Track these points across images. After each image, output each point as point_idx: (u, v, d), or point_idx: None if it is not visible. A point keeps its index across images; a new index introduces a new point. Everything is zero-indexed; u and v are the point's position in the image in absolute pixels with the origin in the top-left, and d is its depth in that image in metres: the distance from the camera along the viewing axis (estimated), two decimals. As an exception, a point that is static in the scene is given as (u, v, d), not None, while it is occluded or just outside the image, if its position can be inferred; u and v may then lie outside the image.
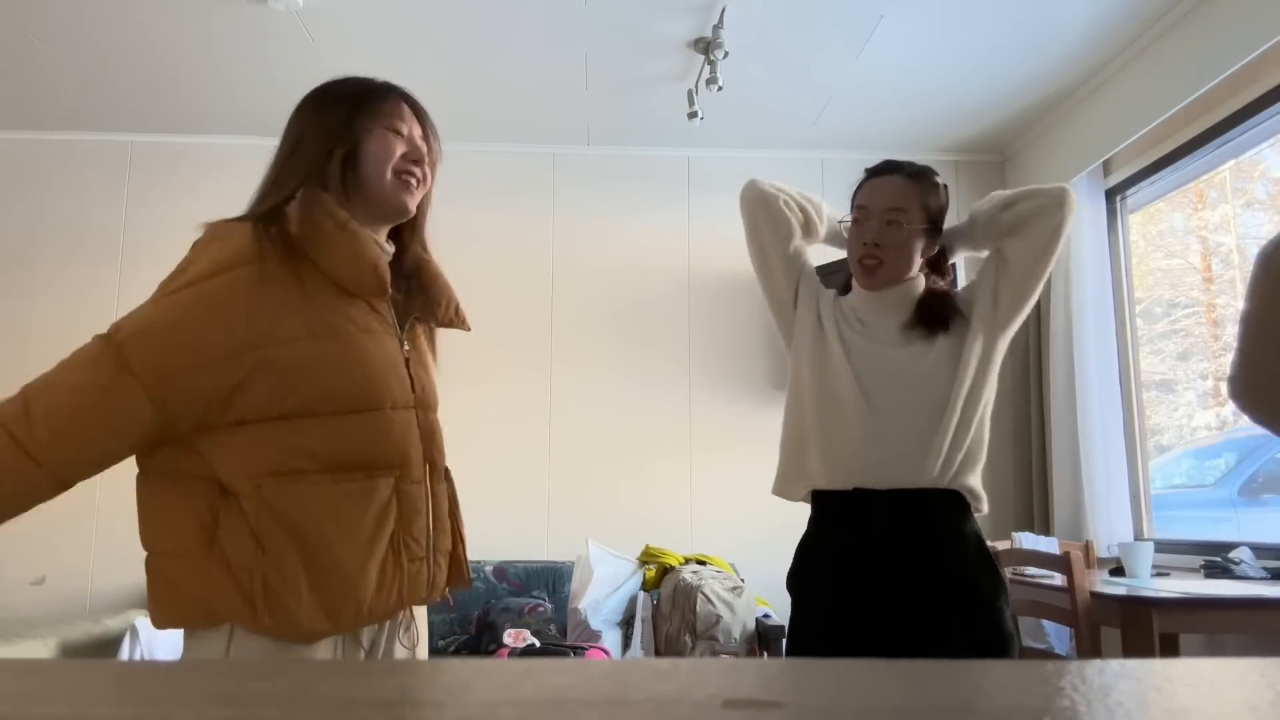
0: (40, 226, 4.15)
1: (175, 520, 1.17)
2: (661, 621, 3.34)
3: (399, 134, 1.31)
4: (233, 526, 1.14)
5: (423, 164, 1.33)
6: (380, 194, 1.29)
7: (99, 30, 3.34)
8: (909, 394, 1.61)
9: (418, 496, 1.25)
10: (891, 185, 1.72)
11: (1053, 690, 0.36)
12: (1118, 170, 3.73)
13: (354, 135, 1.28)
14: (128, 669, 0.40)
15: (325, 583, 1.14)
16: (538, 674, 0.39)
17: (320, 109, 1.31)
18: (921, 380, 1.61)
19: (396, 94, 1.36)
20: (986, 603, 1.55)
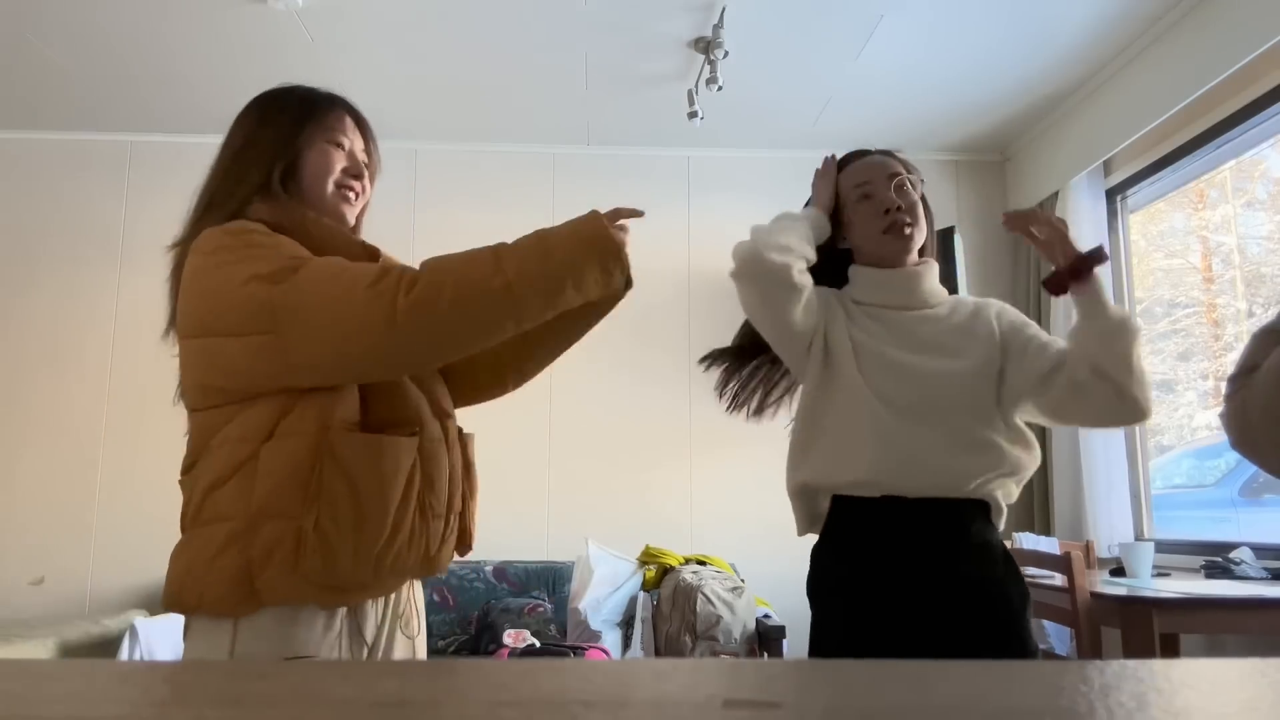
0: (40, 226, 4.15)
1: (217, 492, 1.18)
2: (661, 622, 3.34)
3: (340, 147, 1.34)
4: (275, 477, 1.16)
5: (362, 178, 1.37)
6: (319, 204, 1.32)
7: (99, 30, 3.34)
8: (937, 398, 1.50)
9: (439, 455, 1.30)
10: (877, 159, 1.65)
11: (1053, 690, 0.36)
12: (1118, 170, 3.73)
13: (296, 147, 1.31)
14: (127, 669, 0.40)
15: (371, 532, 1.18)
16: (538, 674, 0.39)
17: (265, 119, 1.33)
18: (951, 384, 1.51)
19: (340, 106, 1.38)
20: (1016, 616, 1.47)
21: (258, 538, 1.14)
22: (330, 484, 1.16)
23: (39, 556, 3.91)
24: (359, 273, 1.15)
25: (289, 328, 1.14)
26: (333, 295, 1.14)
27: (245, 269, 1.16)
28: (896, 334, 1.56)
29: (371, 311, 1.12)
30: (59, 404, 4.01)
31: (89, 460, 3.98)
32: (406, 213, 4.21)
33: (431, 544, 1.28)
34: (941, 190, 4.40)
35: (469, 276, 1.16)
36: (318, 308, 1.13)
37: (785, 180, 4.39)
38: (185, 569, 1.18)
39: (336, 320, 1.13)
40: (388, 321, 1.12)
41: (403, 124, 4.02)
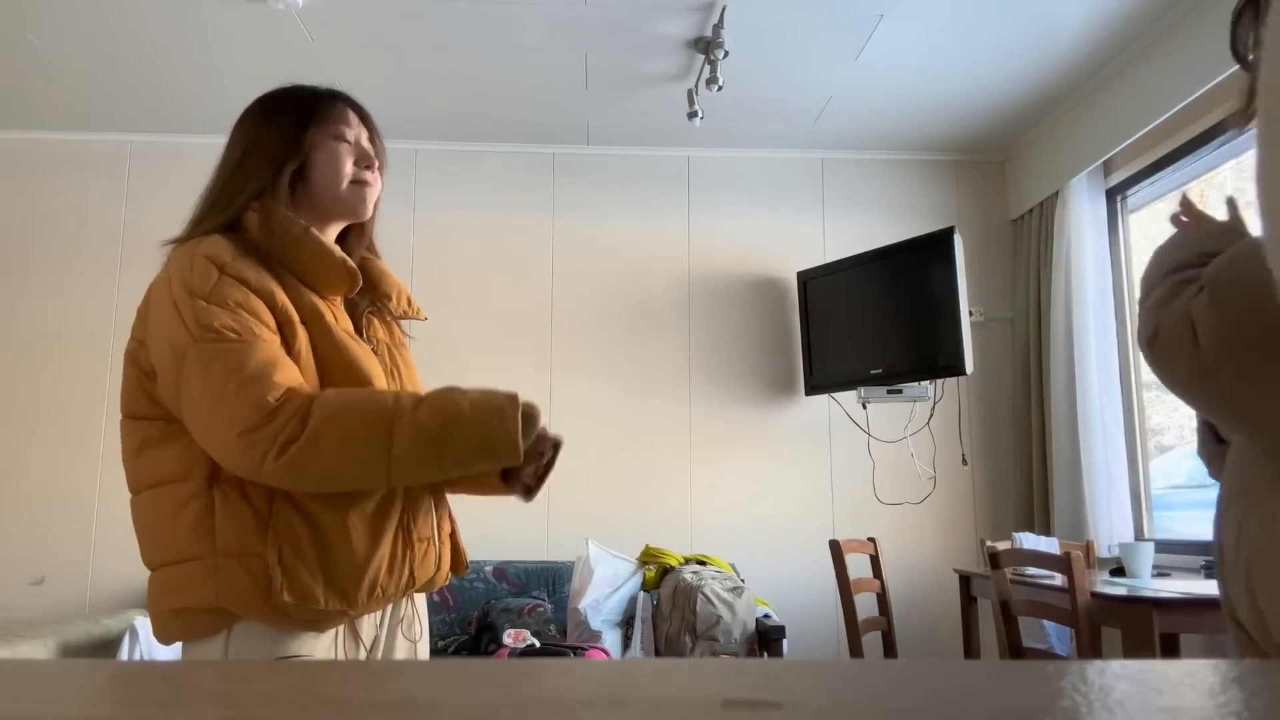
0: (40, 226, 4.15)
1: (173, 527, 1.17)
2: (661, 622, 3.34)
3: (345, 141, 1.34)
4: (234, 516, 1.15)
5: (374, 167, 1.36)
6: (334, 202, 1.32)
7: (99, 30, 3.34)
8: None
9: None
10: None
11: (1053, 690, 0.36)
12: (1118, 170, 3.73)
13: (303, 149, 1.30)
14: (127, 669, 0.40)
15: (338, 563, 1.17)
16: (538, 674, 0.38)
17: (267, 121, 1.33)
18: None
19: (340, 100, 1.38)
20: None
21: (228, 576, 1.14)
22: (287, 520, 1.16)
23: (39, 556, 3.91)
24: (241, 409, 1.12)
25: (183, 405, 1.16)
26: (210, 418, 1.13)
27: (178, 319, 1.16)
28: None
29: (237, 456, 1.12)
30: (59, 404, 4.01)
31: (89, 460, 3.98)
32: (406, 213, 4.21)
33: (418, 569, 1.26)
34: (941, 190, 4.40)
35: (353, 450, 1.14)
36: (200, 413, 1.14)
37: (785, 180, 4.39)
38: (168, 611, 1.18)
39: (209, 441, 1.14)
40: (252, 470, 1.13)
41: (403, 124, 4.02)
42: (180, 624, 1.17)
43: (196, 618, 1.16)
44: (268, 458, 1.10)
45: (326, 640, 1.20)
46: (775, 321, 4.25)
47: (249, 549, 1.14)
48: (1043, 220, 4.03)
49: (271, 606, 1.14)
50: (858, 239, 4.24)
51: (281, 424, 1.11)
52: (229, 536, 1.14)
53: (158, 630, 1.19)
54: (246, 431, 1.10)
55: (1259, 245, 0.78)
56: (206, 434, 1.14)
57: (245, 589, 1.13)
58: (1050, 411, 3.83)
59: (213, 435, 1.13)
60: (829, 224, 4.35)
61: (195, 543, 1.15)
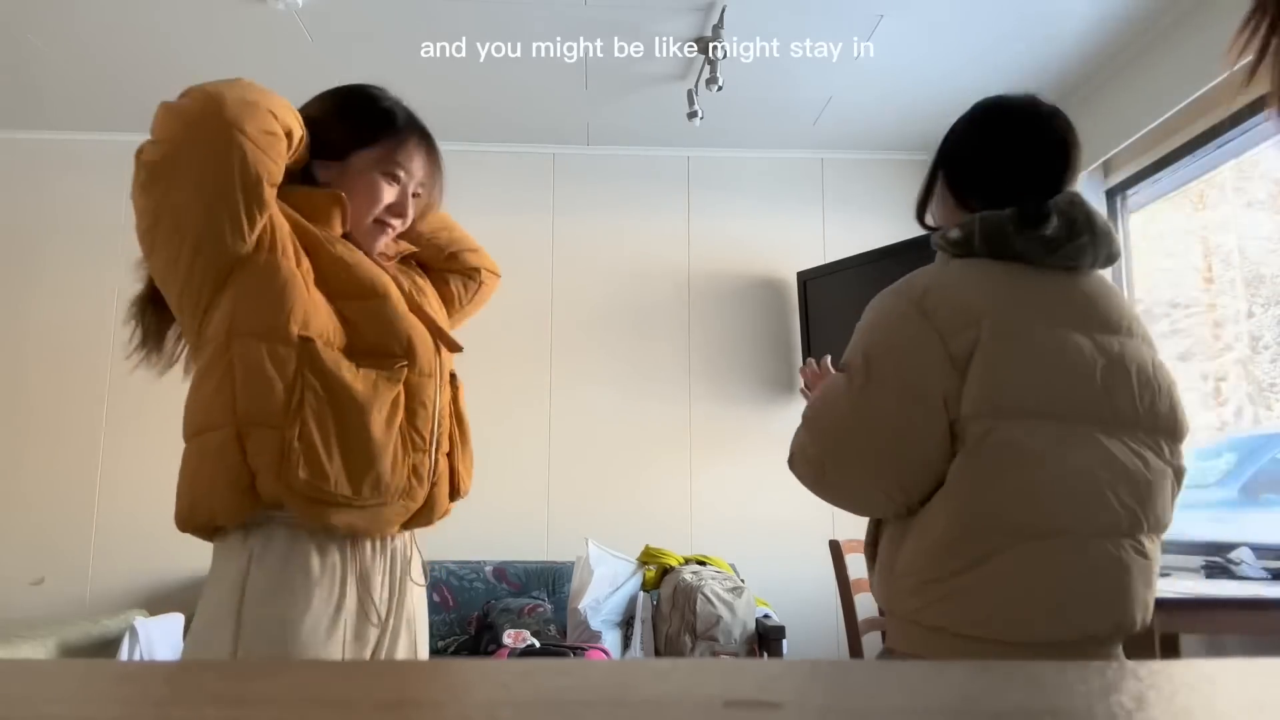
0: (40, 226, 4.15)
1: (197, 399, 1.21)
2: (661, 622, 3.34)
3: (395, 182, 1.36)
4: (254, 386, 1.18)
5: (404, 216, 1.39)
6: (347, 223, 1.35)
7: (99, 30, 3.34)
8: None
9: (425, 389, 1.31)
10: None
11: (1053, 690, 0.36)
12: (1118, 170, 3.73)
13: (349, 160, 1.34)
14: (127, 669, 0.40)
15: (353, 447, 1.20)
16: (538, 674, 0.38)
17: (346, 112, 1.38)
18: None
19: (414, 137, 1.40)
20: None
21: (248, 444, 1.16)
22: (309, 399, 1.18)
23: (39, 556, 3.91)
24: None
25: (156, 201, 1.20)
26: (158, 139, 1.21)
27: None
28: None
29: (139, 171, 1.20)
30: (59, 404, 4.01)
31: (89, 460, 3.98)
32: (406, 213, 4.21)
33: (418, 475, 1.29)
34: (941, 190, 4.40)
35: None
36: (154, 161, 1.20)
37: (785, 180, 4.39)
38: (190, 483, 1.20)
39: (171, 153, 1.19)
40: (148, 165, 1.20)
41: (403, 124, 4.01)
42: (204, 508, 1.18)
43: (218, 498, 1.17)
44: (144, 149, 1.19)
45: (327, 586, 1.21)
46: (775, 321, 4.25)
47: (269, 420, 1.17)
48: (1043, 220, 4.03)
49: (282, 481, 1.16)
50: (858, 239, 4.24)
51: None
52: (250, 404, 1.17)
53: (181, 515, 1.21)
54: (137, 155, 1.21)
55: (831, 383, 1.32)
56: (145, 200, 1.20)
57: (260, 457, 1.16)
58: (1050, 411, 3.82)
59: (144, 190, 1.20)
60: (829, 224, 4.35)
61: (219, 409, 1.18)
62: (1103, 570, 1.20)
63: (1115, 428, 1.24)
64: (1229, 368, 3.55)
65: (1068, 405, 1.21)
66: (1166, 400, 1.31)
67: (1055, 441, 1.20)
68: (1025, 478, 1.19)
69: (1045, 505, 1.19)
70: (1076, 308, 1.26)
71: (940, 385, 1.20)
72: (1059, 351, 1.22)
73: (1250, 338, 3.45)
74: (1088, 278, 1.30)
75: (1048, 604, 1.18)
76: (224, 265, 1.19)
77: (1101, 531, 1.20)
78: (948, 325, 1.20)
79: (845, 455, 1.27)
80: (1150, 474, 1.26)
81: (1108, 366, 1.24)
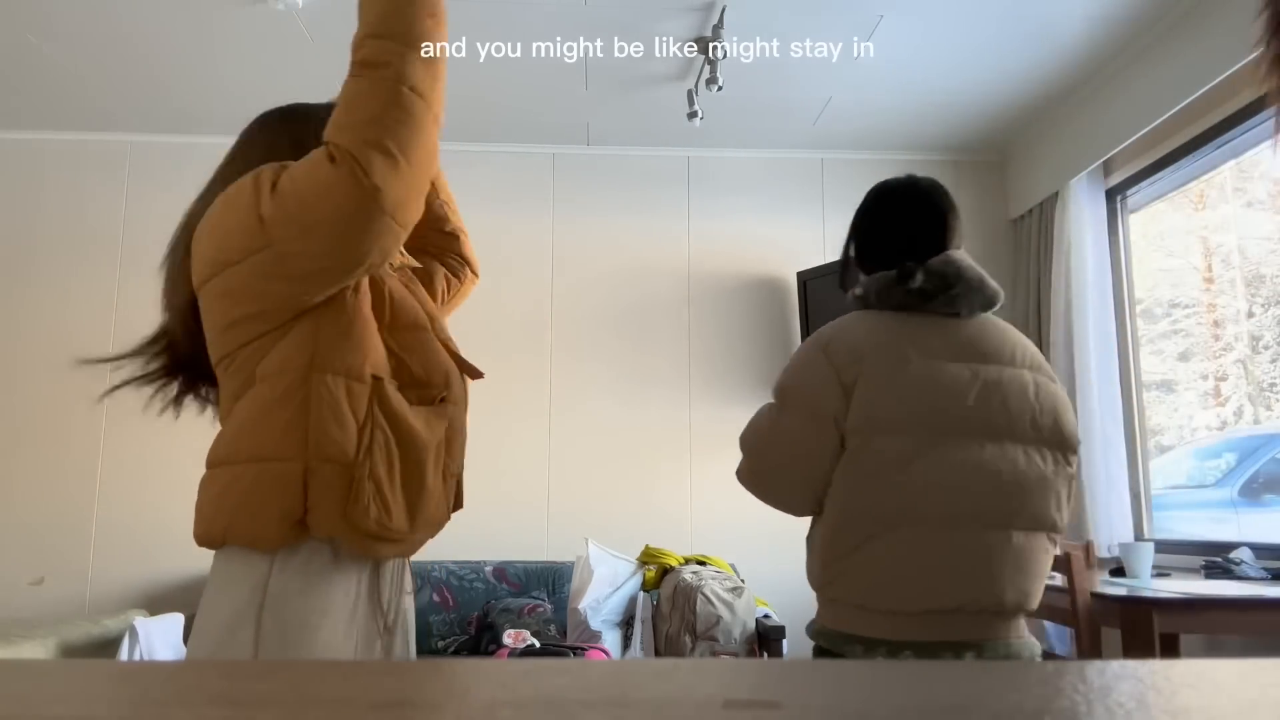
0: (40, 226, 4.15)
1: (264, 425, 1.17)
2: (661, 622, 3.34)
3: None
4: (328, 421, 1.16)
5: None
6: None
7: (99, 30, 3.34)
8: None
9: (459, 419, 1.32)
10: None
11: (1053, 690, 0.36)
12: (1118, 170, 3.73)
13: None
14: (127, 669, 0.40)
15: (412, 486, 1.21)
16: (538, 674, 0.38)
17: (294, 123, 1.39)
18: None
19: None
20: None
21: (313, 479, 1.15)
22: (379, 438, 1.19)
23: (39, 556, 3.91)
24: (318, 156, 1.13)
25: (278, 235, 1.13)
26: (306, 188, 1.13)
27: (237, 194, 1.18)
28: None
29: (340, 180, 1.11)
30: (59, 404, 4.01)
31: (89, 460, 3.98)
32: (406, 213, 4.21)
33: (447, 503, 1.32)
34: (941, 190, 4.40)
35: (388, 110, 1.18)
36: (298, 204, 1.12)
37: (785, 180, 4.39)
38: (231, 508, 1.16)
39: (316, 208, 1.12)
40: (354, 178, 1.11)
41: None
42: (244, 529, 1.16)
43: (263, 526, 1.15)
44: (355, 158, 1.10)
45: (352, 589, 1.21)
46: (775, 322, 4.25)
47: (338, 456, 1.16)
48: (1043, 220, 4.03)
49: (344, 519, 1.15)
50: (858, 239, 4.24)
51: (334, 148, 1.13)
52: (321, 438, 1.16)
53: (209, 531, 1.18)
54: (327, 160, 1.12)
55: (759, 412, 1.69)
56: (314, 209, 1.12)
57: (325, 494, 1.15)
58: (1050, 411, 3.82)
59: (317, 202, 1.12)
60: (829, 224, 4.35)
61: (281, 440, 1.16)
62: (964, 552, 1.45)
63: (986, 438, 1.49)
64: (1229, 368, 3.56)
65: (938, 420, 1.48)
66: (1049, 417, 1.53)
67: (924, 448, 1.47)
68: (892, 478, 1.47)
69: (909, 500, 1.46)
70: (956, 343, 1.54)
71: (832, 407, 1.51)
72: (931, 377, 1.49)
73: (1250, 338, 3.45)
74: (974, 320, 1.58)
75: (916, 579, 1.45)
76: (313, 301, 1.18)
77: (962, 521, 1.46)
78: (841, 361, 1.52)
79: (768, 467, 1.64)
80: (1020, 476, 1.49)
81: (984, 389, 1.50)
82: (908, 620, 1.45)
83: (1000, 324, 1.61)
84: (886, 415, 1.48)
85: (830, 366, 1.52)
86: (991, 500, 1.46)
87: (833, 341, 1.55)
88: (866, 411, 1.48)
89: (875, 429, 1.48)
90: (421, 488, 1.22)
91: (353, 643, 1.22)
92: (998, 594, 1.45)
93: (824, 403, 1.51)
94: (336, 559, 1.20)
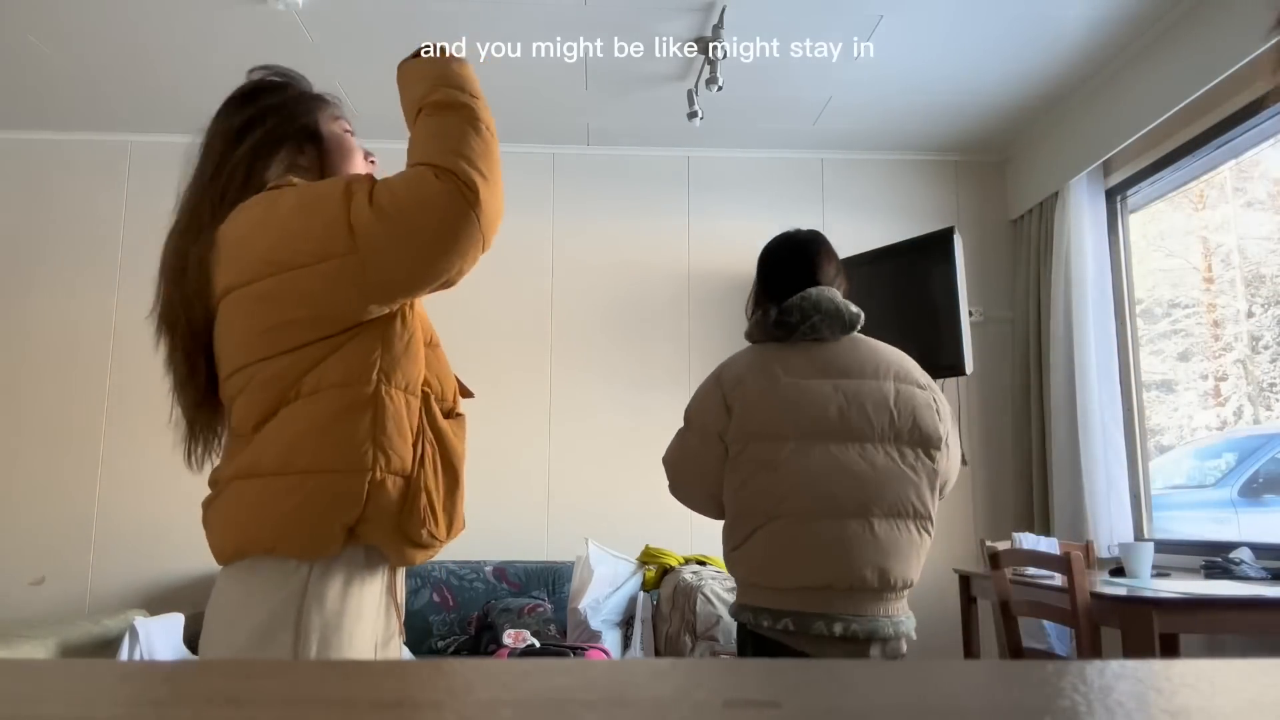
0: (40, 226, 4.15)
1: (331, 436, 1.17)
2: (661, 622, 3.34)
3: (351, 134, 1.46)
4: (393, 434, 1.19)
5: (375, 163, 1.48)
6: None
7: (99, 30, 3.34)
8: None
9: (464, 430, 1.35)
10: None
11: (1053, 690, 0.36)
12: (1118, 170, 3.73)
13: (315, 122, 1.42)
14: (127, 669, 0.40)
15: (452, 497, 1.26)
16: (538, 674, 0.38)
17: (272, 97, 1.47)
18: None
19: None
20: None
21: (378, 491, 1.17)
22: (428, 450, 1.23)
23: (39, 556, 3.91)
24: (422, 173, 1.16)
25: (372, 244, 1.14)
26: (409, 200, 1.15)
27: (318, 200, 1.19)
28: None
29: (448, 198, 1.14)
30: (59, 404, 4.01)
31: (89, 460, 3.98)
32: (406, 213, 4.21)
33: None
34: (941, 190, 4.40)
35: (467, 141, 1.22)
36: (400, 214, 1.14)
37: (785, 180, 4.39)
38: (285, 516, 1.15)
39: (417, 218, 1.14)
40: (468, 195, 1.14)
41: (402, 125, 4.01)
42: (295, 541, 1.14)
43: (319, 538, 1.15)
44: (468, 175, 1.15)
45: (378, 589, 1.23)
46: (775, 321, 4.25)
47: (399, 469, 1.19)
48: (1042, 220, 4.03)
49: (397, 529, 1.19)
50: (857, 239, 4.24)
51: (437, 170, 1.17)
52: (390, 454, 1.18)
53: (257, 540, 1.16)
54: (438, 177, 1.15)
55: (675, 436, 1.96)
56: (414, 221, 1.14)
57: (383, 507, 1.17)
58: (1050, 411, 3.83)
59: (421, 215, 1.14)
60: (829, 224, 4.35)
61: (340, 452, 1.16)
62: (826, 539, 1.72)
63: (847, 440, 1.77)
64: (1229, 368, 3.56)
65: (802, 428, 1.76)
66: (907, 420, 1.79)
67: (790, 453, 1.75)
68: (765, 479, 1.76)
69: (780, 497, 1.75)
70: (820, 363, 1.83)
71: (718, 424, 1.83)
72: (797, 393, 1.78)
73: (1250, 338, 3.45)
74: (839, 342, 1.87)
75: (790, 562, 1.74)
76: (372, 315, 1.20)
77: (823, 514, 1.73)
78: (727, 386, 1.84)
79: (679, 479, 1.94)
80: (878, 472, 1.76)
81: (845, 400, 1.78)
82: (787, 595, 1.75)
83: (868, 344, 1.89)
84: (758, 427, 1.78)
85: (719, 391, 1.85)
86: (851, 493, 1.73)
87: (724, 372, 1.88)
88: (743, 424, 1.79)
89: (750, 438, 1.78)
90: (457, 499, 1.27)
91: (375, 644, 1.24)
92: (858, 573, 1.72)
93: (712, 421, 1.84)
94: (369, 562, 1.22)
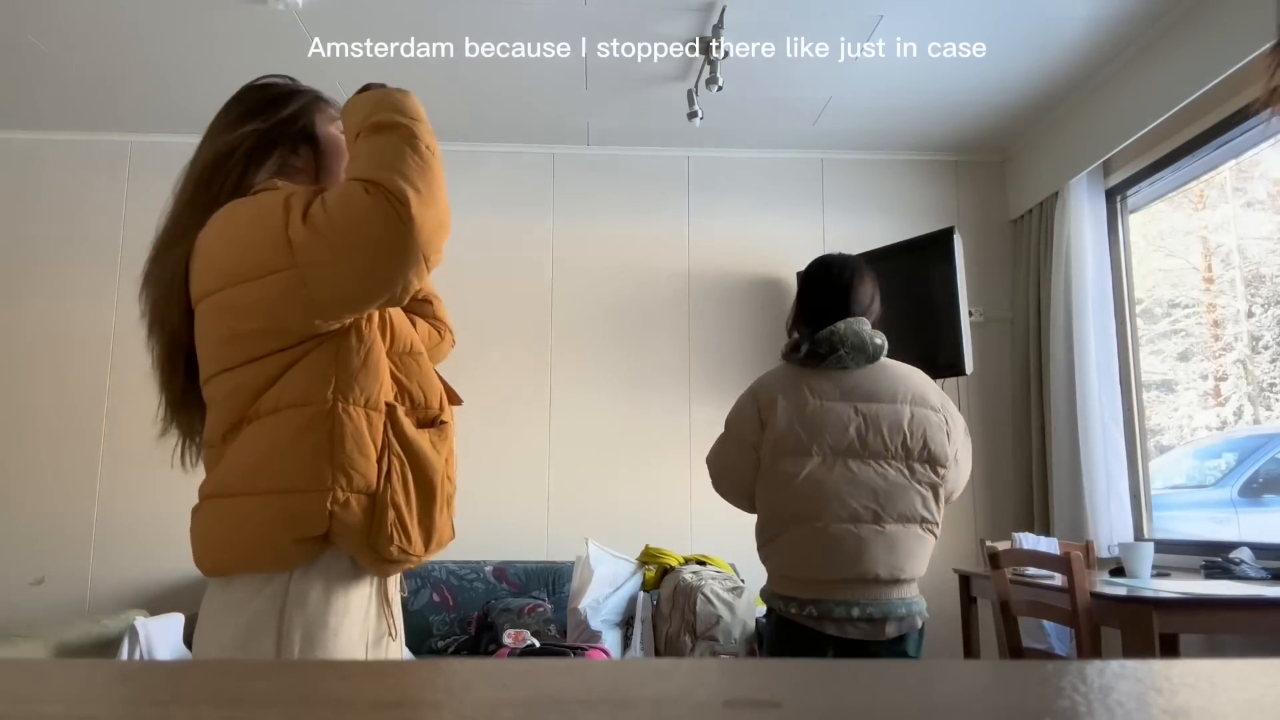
0: (39, 226, 4.15)
1: (291, 455, 1.17)
2: (661, 622, 3.34)
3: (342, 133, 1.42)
4: (354, 450, 1.18)
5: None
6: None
7: (99, 30, 3.34)
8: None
9: (451, 438, 1.34)
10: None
11: (1053, 690, 0.36)
12: (1118, 170, 3.73)
13: (312, 124, 1.41)
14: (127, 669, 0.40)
15: (427, 511, 1.24)
16: (538, 674, 0.38)
17: (273, 100, 1.45)
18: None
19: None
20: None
21: (341, 510, 1.16)
22: (395, 465, 1.21)
23: (39, 556, 3.91)
24: (352, 188, 1.14)
25: (307, 259, 1.13)
26: (341, 217, 1.13)
27: (264, 212, 1.18)
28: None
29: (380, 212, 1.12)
30: (58, 404, 4.01)
31: (89, 460, 3.98)
32: (406, 213, 4.20)
33: (451, 524, 1.34)
34: (941, 190, 4.40)
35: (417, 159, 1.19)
36: (332, 231, 1.13)
37: (785, 180, 4.39)
38: (252, 536, 1.16)
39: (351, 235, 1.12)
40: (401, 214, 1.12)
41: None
42: (265, 558, 1.16)
43: (284, 554, 1.15)
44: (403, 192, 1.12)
45: (364, 597, 1.23)
46: (775, 321, 4.25)
47: (363, 487, 1.18)
48: (1042, 220, 4.03)
49: (368, 545, 1.18)
50: (857, 239, 4.24)
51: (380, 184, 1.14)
52: (350, 471, 1.17)
53: (229, 560, 1.17)
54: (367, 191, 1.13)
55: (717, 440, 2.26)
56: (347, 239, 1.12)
57: (350, 524, 1.16)
58: (1050, 411, 3.83)
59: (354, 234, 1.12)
60: (828, 224, 4.35)
61: (303, 471, 1.16)
62: (843, 541, 2.00)
63: (865, 459, 2.03)
64: (1229, 368, 3.56)
65: (825, 446, 2.03)
66: (918, 440, 2.04)
67: (815, 468, 2.03)
68: (792, 489, 2.04)
69: (802, 504, 2.03)
70: (845, 389, 2.07)
71: (752, 437, 2.11)
72: (822, 414, 2.05)
73: (1250, 338, 3.45)
74: (863, 370, 2.10)
75: (814, 559, 2.02)
76: (325, 329, 1.18)
77: (842, 519, 2.00)
78: (762, 401, 2.11)
79: (719, 481, 2.24)
80: (890, 485, 2.02)
81: (864, 422, 2.04)
82: (810, 585, 2.03)
83: (890, 369, 2.10)
84: (787, 444, 2.05)
85: (755, 405, 2.11)
86: (867, 503, 2.00)
87: (759, 388, 2.14)
88: (774, 439, 2.06)
89: (780, 452, 2.05)
90: (435, 510, 1.24)
91: (365, 643, 1.24)
92: (872, 569, 2.00)
93: (747, 433, 2.11)
94: (354, 564, 1.22)
